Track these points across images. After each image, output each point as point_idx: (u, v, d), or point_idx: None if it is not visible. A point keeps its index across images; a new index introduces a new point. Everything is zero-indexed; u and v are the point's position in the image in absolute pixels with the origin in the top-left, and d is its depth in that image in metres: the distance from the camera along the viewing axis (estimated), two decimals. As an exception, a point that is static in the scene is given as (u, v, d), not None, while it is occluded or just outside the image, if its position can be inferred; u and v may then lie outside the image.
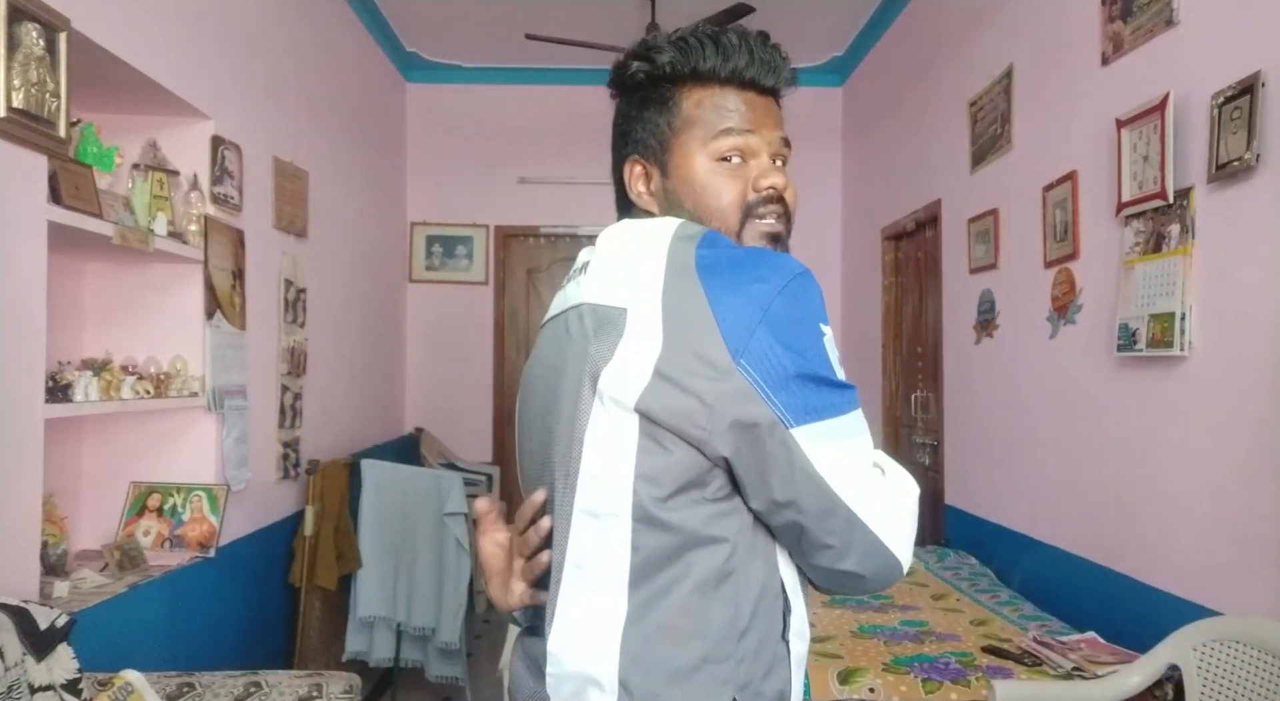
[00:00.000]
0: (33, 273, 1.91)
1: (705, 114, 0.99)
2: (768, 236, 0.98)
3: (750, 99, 1.00)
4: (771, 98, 1.03)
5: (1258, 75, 1.86)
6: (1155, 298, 2.19)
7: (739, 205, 0.98)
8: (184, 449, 2.70)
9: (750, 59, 1.00)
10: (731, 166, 0.98)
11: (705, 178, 0.98)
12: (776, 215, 0.99)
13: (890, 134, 4.47)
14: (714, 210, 0.98)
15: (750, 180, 0.98)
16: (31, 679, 1.58)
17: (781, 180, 0.99)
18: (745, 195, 0.98)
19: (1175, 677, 1.89)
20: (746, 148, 0.99)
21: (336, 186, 3.94)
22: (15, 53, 1.81)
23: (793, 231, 1.03)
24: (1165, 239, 2.16)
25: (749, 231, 0.98)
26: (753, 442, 0.85)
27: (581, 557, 0.90)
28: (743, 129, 0.99)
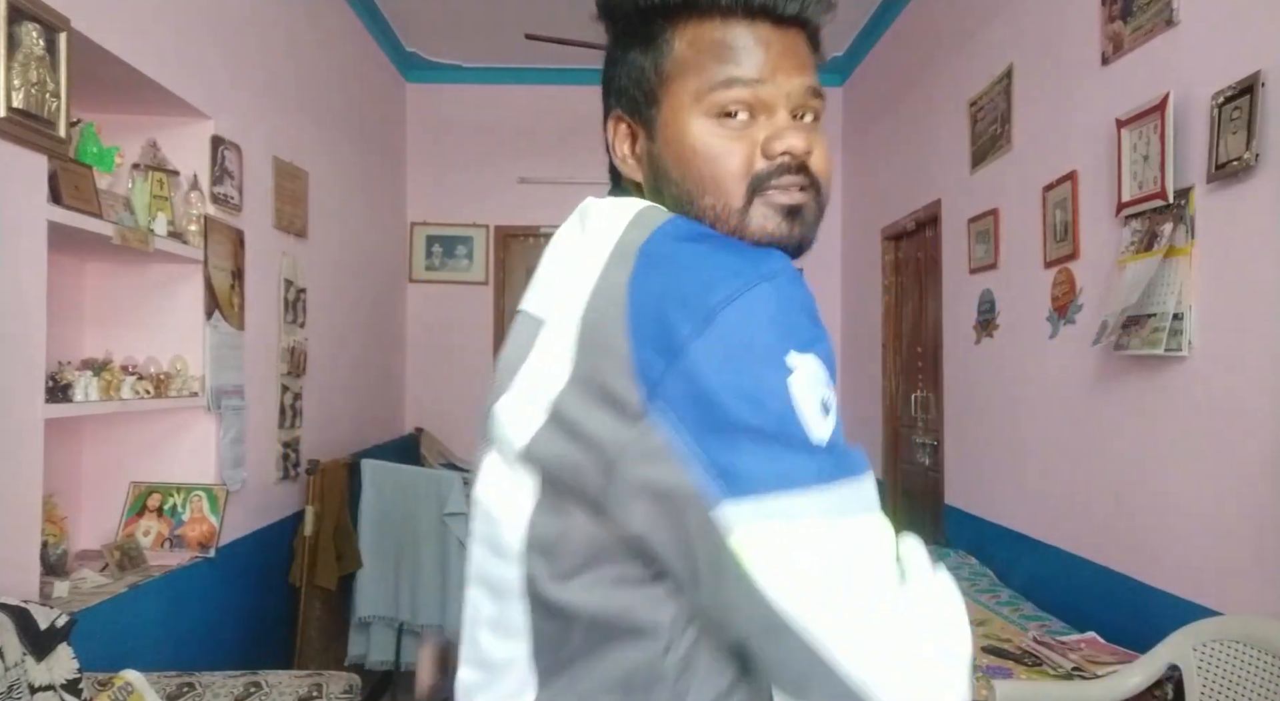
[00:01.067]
0: (33, 273, 1.91)
1: (702, 57, 0.73)
2: (783, 211, 0.72)
3: (764, 35, 0.73)
4: (797, 31, 0.76)
5: (1258, 75, 1.85)
6: (1134, 294, 2.19)
7: (743, 175, 0.72)
8: (184, 449, 2.70)
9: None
10: (735, 125, 0.73)
11: (699, 140, 0.73)
12: (799, 187, 0.73)
13: (890, 134, 4.47)
14: (708, 183, 0.72)
15: (760, 143, 0.72)
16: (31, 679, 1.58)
17: (802, 142, 0.72)
18: (752, 162, 0.72)
19: (1175, 677, 1.89)
20: (756, 101, 0.73)
21: (336, 186, 3.94)
22: (15, 53, 1.81)
23: (820, 218, 0.77)
24: (1158, 237, 2.16)
25: (757, 211, 0.72)
26: (670, 519, 0.61)
27: (477, 634, 0.73)
28: (750, 78, 0.72)
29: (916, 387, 4.22)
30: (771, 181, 0.72)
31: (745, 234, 0.72)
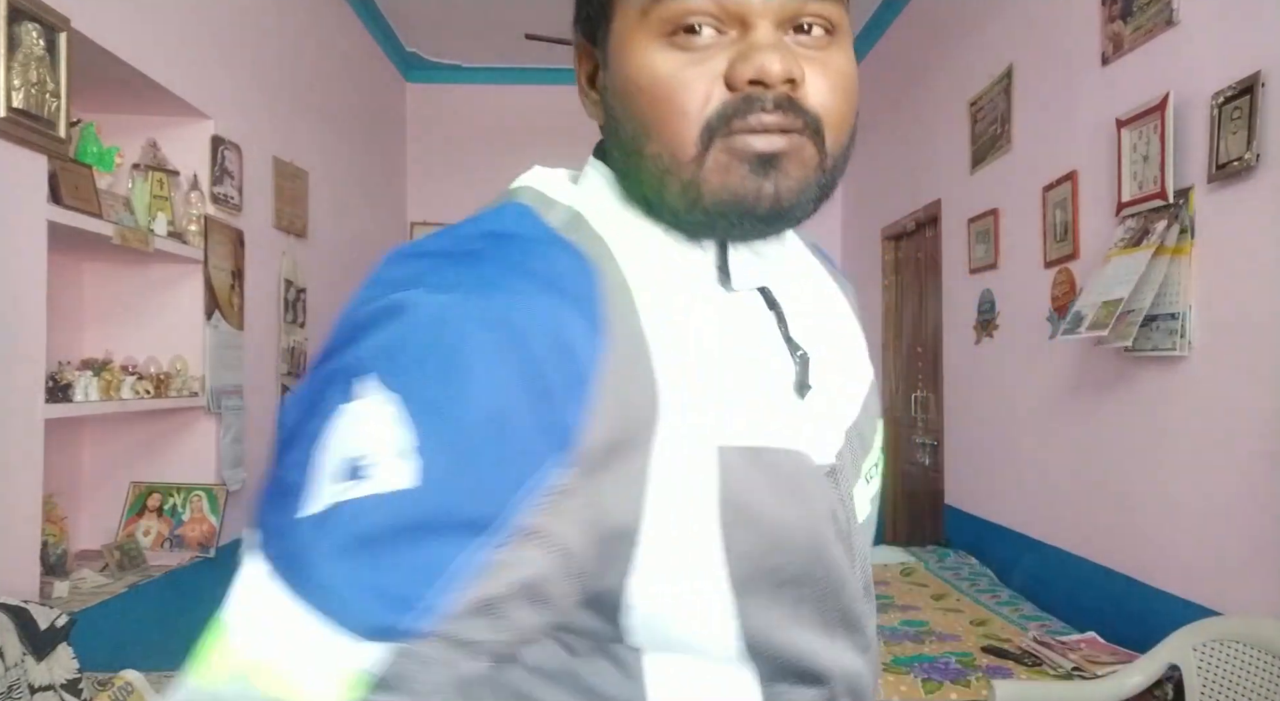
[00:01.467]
0: (33, 273, 1.91)
1: None
2: (751, 159, 0.53)
3: None
4: None
5: (1258, 75, 1.85)
6: (1113, 286, 2.19)
7: (698, 113, 0.53)
8: (184, 449, 2.70)
9: None
10: (696, 45, 0.53)
11: (644, 68, 0.54)
12: (782, 129, 0.53)
13: (890, 134, 4.47)
14: (653, 125, 0.54)
15: (723, 70, 0.53)
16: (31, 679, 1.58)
17: (780, 65, 0.52)
18: (711, 95, 0.53)
19: (1175, 677, 1.89)
20: (722, 11, 0.53)
21: (336, 186, 3.94)
22: (15, 53, 1.81)
23: (825, 174, 0.56)
24: (1149, 234, 2.16)
25: (714, 159, 0.53)
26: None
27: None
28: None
29: (916, 387, 4.22)
30: (736, 121, 0.53)
31: (703, 193, 0.54)
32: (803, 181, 0.55)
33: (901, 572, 3.09)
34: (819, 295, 0.67)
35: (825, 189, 0.57)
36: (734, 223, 0.56)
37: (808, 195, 0.56)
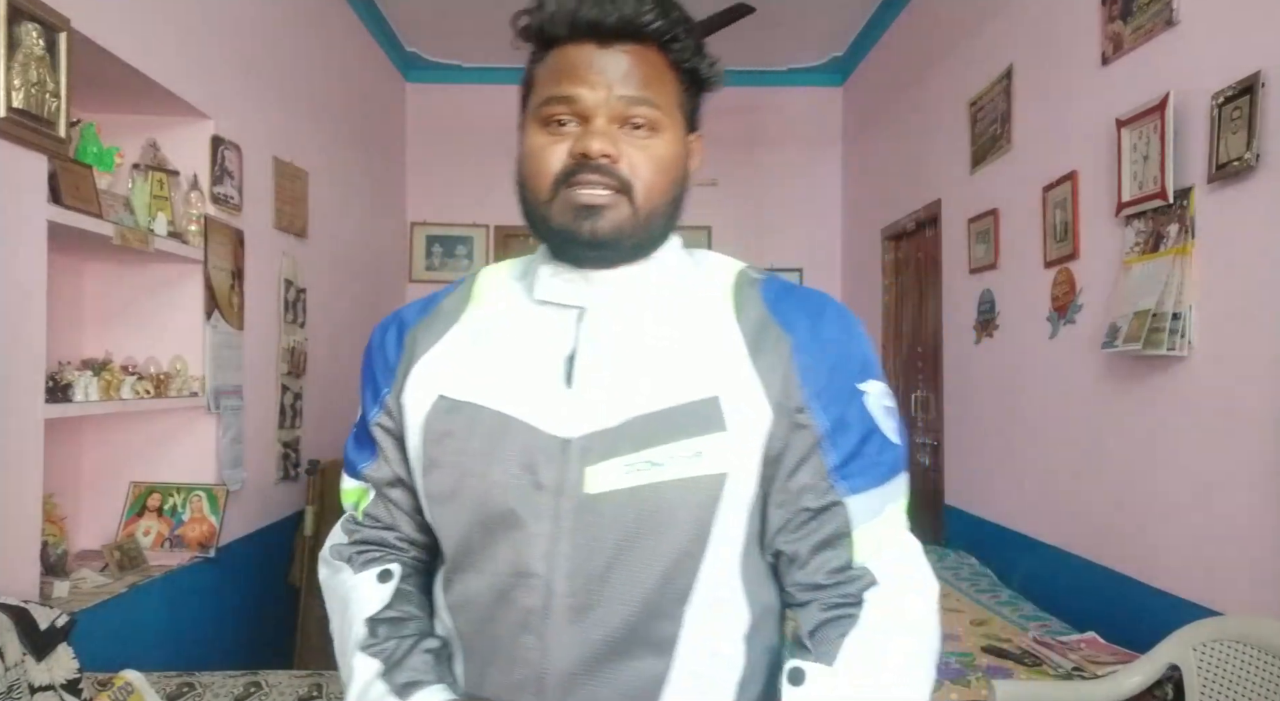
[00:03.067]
0: (33, 273, 1.91)
1: (545, 76, 0.85)
2: (578, 208, 0.82)
3: (587, 56, 0.83)
4: (630, 48, 0.83)
5: (1258, 75, 1.85)
6: (1141, 296, 2.19)
7: (552, 172, 0.83)
8: (184, 449, 2.70)
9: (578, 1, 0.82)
10: (560, 131, 0.83)
11: (530, 140, 0.85)
12: (604, 186, 0.81)
13: (890, 134, 4.47)
14: (530, 177, 0.85)
15: (571, 146, 0.83)
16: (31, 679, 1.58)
17: (598, 145, 0.80)
18: (559, 161, 0.83)
19: (1175, 677, 1.89)
20: (575, 112, 0.82)
21: (336, 186, 3.94)
22: (15, 53, 1.81)
23: (638, 222, 0.83)
24: (1164, 239, 2.16)
25: (557, 205, 0.83)
26: None
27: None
28: (566, 93, 0.82)
29: (916, 387, 4.22)
30: (571, 178, 0.82)
31: (551, 225, 0.84)
32: (616, 225, 0.82)
33: (901, 572, 3.09)
34: (668, 325, 0.87)
35: (642, 233, 0.84)
36: (566, 247, 0.86)
37: (622, 236, 0.83)
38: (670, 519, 0.80)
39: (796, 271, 5.35)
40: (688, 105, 0.88)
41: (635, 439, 0.80)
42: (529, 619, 0.81)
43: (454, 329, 0.92)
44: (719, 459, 0.80)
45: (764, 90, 5.30)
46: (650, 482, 0.79)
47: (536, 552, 0.80)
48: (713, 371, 0.83)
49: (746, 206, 5.35)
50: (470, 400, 0.85)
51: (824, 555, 0.84)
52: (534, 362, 0.86)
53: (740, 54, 4.95)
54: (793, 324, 0.86)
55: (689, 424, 0.81)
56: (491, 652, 0.84)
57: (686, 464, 0.80)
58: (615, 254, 0.85)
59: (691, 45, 0.87)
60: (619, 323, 0.86)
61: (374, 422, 0.93)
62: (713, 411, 0.81)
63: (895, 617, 0.84)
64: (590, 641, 0.80)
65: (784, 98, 5.32)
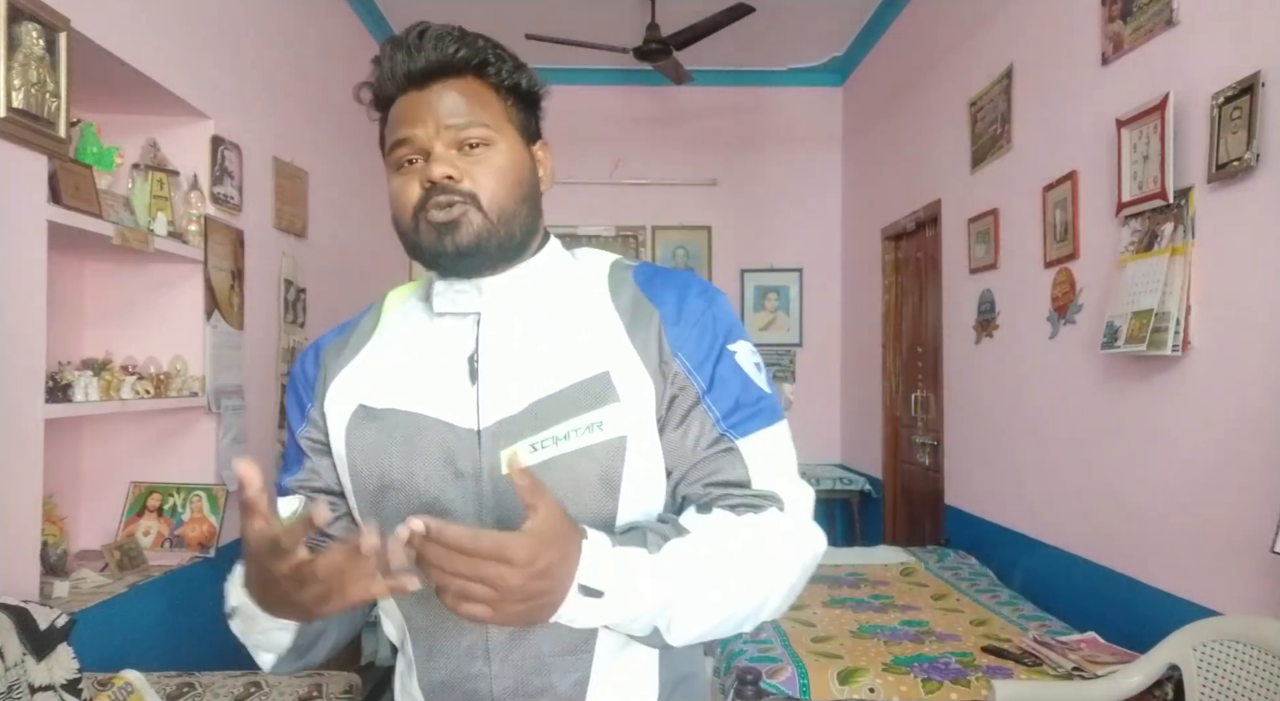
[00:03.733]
0: (33, 273, 1.91)
1: (388, 129, 0.96)
2: (436, 228, 0.91)
3: (412, 100, 0.93)
4: (446, 83, 0.93)
5: (1258, 75, 1.85)
6: (1139, 295, 2.19)
7: (410, 204, 0.92)
8: (184, 449, 2.70)
9: (394, 55, 0.94)
10: (411, 170, 0.93)
11: (391, 184, 0.95)
12: (452, 203, 0.91)
13: (890, 134, 4.47)
14: (397, 214, 0.94)
15: (419, 177, 0.92)
16: (31, 679, 1.58)
17: (440, 169, 0.90)
18: (414, 193, 0.92)
19: (1175, 677, 1.89)
20: (416, 150, 0.92)
21: (336, 186, 3.94)
22: (15, 53, 1.81)
23: (492, 225, 0.92)
24: (1158, 238, 2.16)
25: (421, 230, 0.92)
26: None
27: None
28: (403, 137, 0.92)
29: (916, 387, 4.22)
30: (425, 204, 0.91)
31: (421, 249, 0.94)
32: (474, 234, 0.91)
33: (901, 572, 3.09)
34: (556, 316, 0.96)
35: (503, 236, 0.93)
36: (438, 263, 0.95)
37: (482, 242, 0.92)
38: (581, 485, 0.88)
39: (796, 271, 5.35)
40: (518, 118, 0.97)
41: (539, 420, 0.89)
42: None
43: (367, 346, 1.02)
44: (616, 425, 0.89)
45: (764, 90, 5.30)
46: (557, 456, 0.88)
47: None
48: (600, 350, 0.92)
49: (746, 206, 5.35)
50: (385, 406, 0.94)
51: (727, 494, 0.91)
52: (441, 366, 0.95)
53: (740, 54, 4.95)
54: (661, 300, 0.95)
55: (585, 399, 0.90)
56: (439, 626, 0.92)
57: (588, 434, 0.89)
58: (485, 259, 0.93)
59: (505, 66, 0.96)
60: (512, 321, 0.96)
61: (301, 436, 1.02)
62: (605, 385, 0.90)
63: (791, 534, 0.89)
64: None
65: (784, 98, 5.32)
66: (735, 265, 5.34)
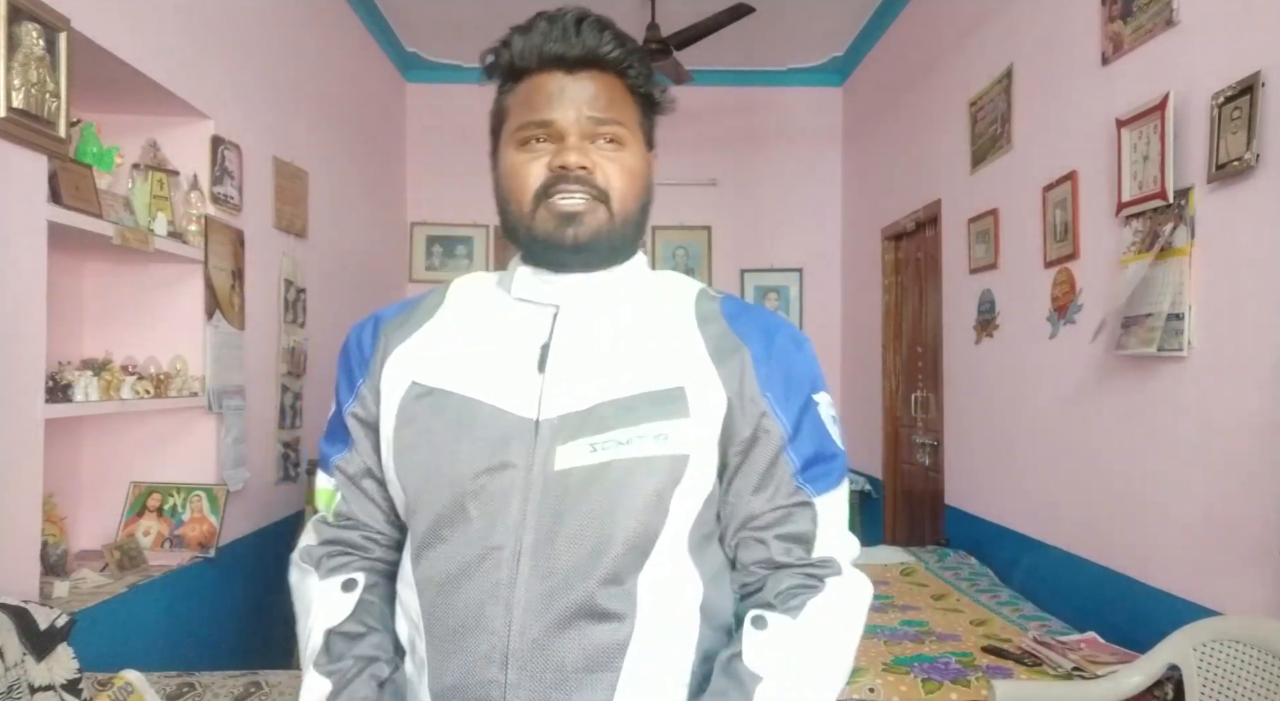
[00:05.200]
0: (33, 273, 1.91)
1: (519, 104, 0.94)
2: (559, 216, 0.90)
3: (557, 82, 0.92)
4: (594, 75, 0.93)
5: (1258, 75, 1.85)
6: (1142, 296, 2.19)
7: (532, 187, 0.91)
8: (184, 449, 2.70)
9: (549, 33, 0.92)
10: (535, 150, 0.92)
11: (508, 161, 0.94)
12: (580, 193, 0.90)
13: (890, 134, 4.47)
14: (512, 193, 0.93)
15: (548, 161, 0.91)
16: (31, 679, 1.58)
17: (574, 158, 0.89)
18: (538, 176, 0.91)
19: (1175, 677, 1.89)
20: (549, 133, 0.91)
21: (336, 186, 3.94)
22: (15, 53, 1.81)
23: (614, 225, 0.92)
24: (1159, 238, 2.16)
25: (540, 214, 0.91)
26: None
27: None
28: (540, 118, 0.91)
29: (916, 387, 4.22)
30: (551, 189, 0.90)
31: (535, 235, 0.92)
32: (595, 230, 0.91)
33: (901, 572, 3.09)
34: (637, 325, 0.95)
35: (618, 237, 0.93)
36: (549, 253, 0.93)
37: (600, 239, 0.92)
38: (633, 493, 0.86)
39: (796, 271, 5.35)
40: (645, 125, 0.98)
41: (603, 421, 0.87)
42: (497, 589, 0.86)
43: (429, 323, 0.99)
44: (682, 441, 0.88)
45: (764, 90, 5.30)
46: (615, 459, 0.86)
47: (507, 526, 0.86)
48: (678, 365, 0.91)
49: (746, 206, 5.35)
50: (440, 386, 0.92)
51: (794, 547, 0.92)
52: (508, 351, 0.93)
53: (740, 54, 4.95)
54: (750, 338, 0.94)
55: (655, 409, 0.88)
56: (457, 627, 0.87)
57: (651, 444, 0.87)
58: (594, 257, 0.93)
59: (645, 73, 0.96)
60: (592, 319, 0.94)
61: (349, 412, 1.00)
62: (678, 399, 0.89)
63: (852, 600, 0.92)
64: (554, 608, 0.85)
65: (784, 98, 5.32)
66: (735, 265, 5.34)
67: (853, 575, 0.93)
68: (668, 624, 0.88)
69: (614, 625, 0.86)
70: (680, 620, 0.90)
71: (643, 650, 0.86)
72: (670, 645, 0.89)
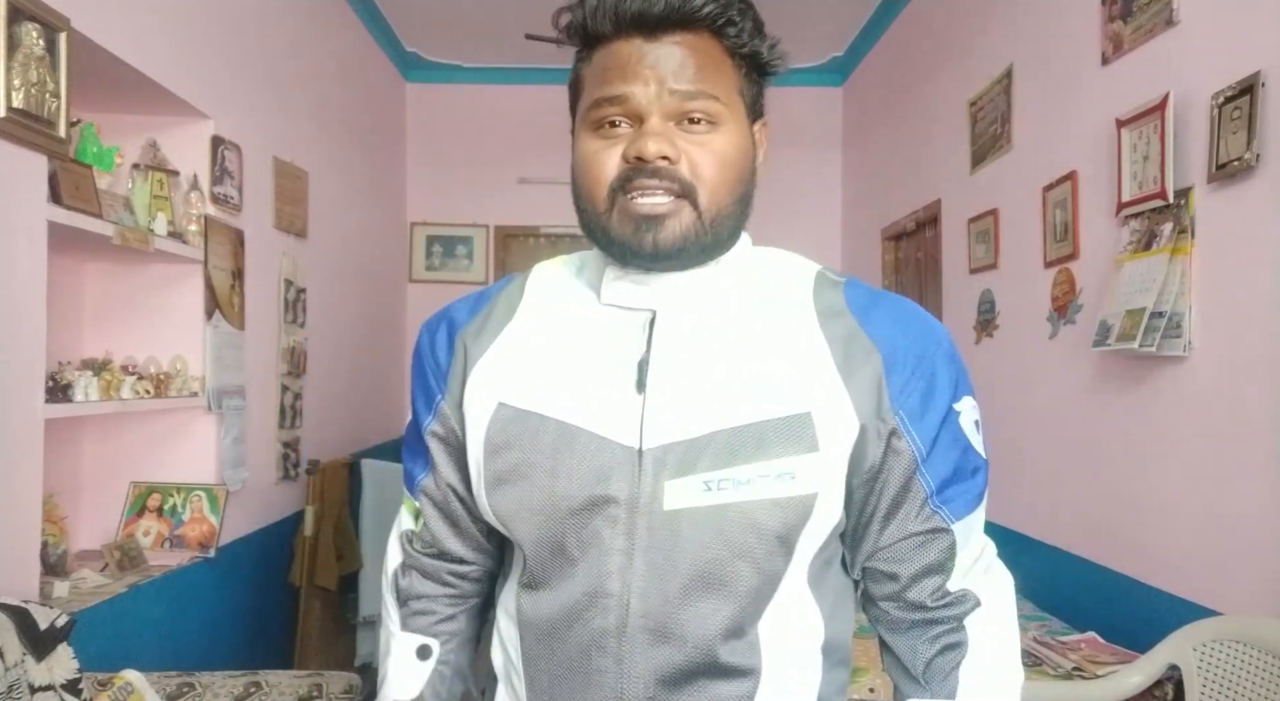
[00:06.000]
0: (33, 273, 1.91)
1: (593, 78, 0.79)
2: (636, 219, 0.77)
3: (636, 49, 0.76)
4: (681, 37, 0.77)
5: (1258, 75, 1.85)
6: (1134, 294, 2.19)
7: (606, 181, 0.78)
8: (184, 449, 2.70)
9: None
10: (613, 135, 0.78)
11: (581, 149, 0.80)
12: (661, 190, 0.76)
13: (890, 134, 4.47)
14: (584, 188, 0.80)
15: (625, 149, 0.77)
16: (31, 679, 1.58)
17: (653, 146, 0.74)
18: (614, 167, 0.78)
19: (1175, 677, 1.89)
20: (627, 112, 0.77)
21: (336, 186, 3.94)
22: (15, 53, 1.81)
23: (703, 227, 0.78)
24: (1157, 237, 2.16)
25: (615, 216, 0.78)
26: None
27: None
28: (615, 94, 0.76)
29: (916, 388, 4.22)
30: (628, 185, 0.76)
31: (611, 237, 0.80)
32: (679, 235, 0.77)
33: (901, 572, 3.09)
34: (749, 331, 0.82)
35: (709, 239, 0.79)
36: (628, 259, 0.80)
37: (687, 245, 0.78)
38: (756, 540, 0.76)
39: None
40: (749, 93, 0.82)
41: (719, 454, 0.76)
42: (603, 640, 0.77)
43: (509, 329, 0.86)
44: (811, 479, 0.76)
45: (764, 90, 5.30)
46: (735, 502, 0.75)
47: (610, 570, 0.77)
48: (802, 384, 0.78)
49: (746, 206, 5.34)
50: (533, 409, 0.80)
51: (929, 580, 0.83)
52: (602, 368, 0.80)
53: (740, 54, 4.94)
54: (882, 337, 0.81)
55: (780, 442, 0.76)
56: (563, 673, 0.80)
57: (777, 484, 0.75)
58: (681, 264, 0.80)
59: (748, 27, 0.79)
60: (695, 327, 0.81)
61: (428, 431, 0.89)
62: (805, 429, 0.76)
63: (998, 637, 0.85)
64: (672, 663, 0.76)
65: (784, 98, 5.30)
66: (735, 265, 5.34)
67: (994, 599, 0.86)
68: (793, 672, 0.81)
69: (738, 682, 0.78)
70: (804, 664, 0.82)
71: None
72: (794, 694, 0.81)
